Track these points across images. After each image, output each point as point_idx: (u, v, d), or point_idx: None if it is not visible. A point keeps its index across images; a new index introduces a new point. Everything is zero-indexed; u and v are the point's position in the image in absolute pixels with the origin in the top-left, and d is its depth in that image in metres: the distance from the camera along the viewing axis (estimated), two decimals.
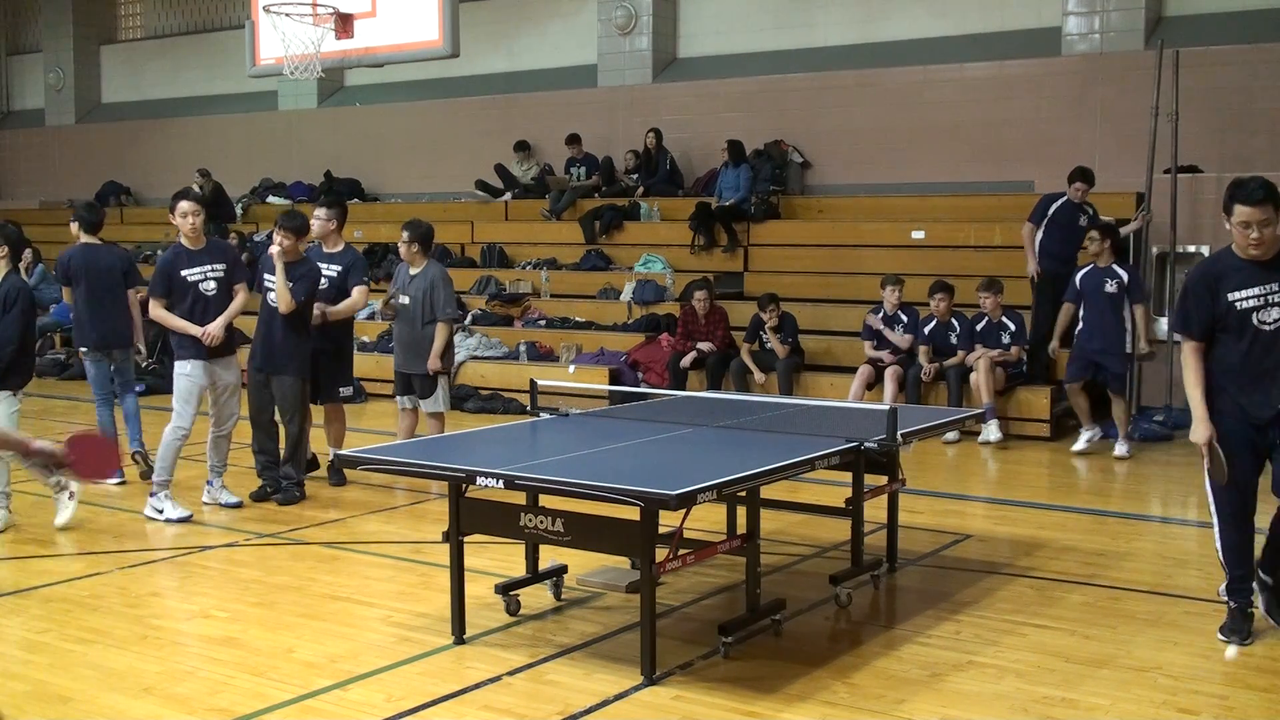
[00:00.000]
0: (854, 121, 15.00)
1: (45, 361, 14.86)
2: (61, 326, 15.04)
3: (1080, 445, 10.12)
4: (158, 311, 7.88)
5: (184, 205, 7.86)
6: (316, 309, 8.50)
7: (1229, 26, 13.03)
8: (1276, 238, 5.24)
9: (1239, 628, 5.45)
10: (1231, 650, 5.35)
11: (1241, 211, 5.22)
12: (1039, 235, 11.27)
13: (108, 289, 8.93)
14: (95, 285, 8.90)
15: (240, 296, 8.04)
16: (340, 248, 8.90)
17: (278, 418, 8.38)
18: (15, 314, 7.32)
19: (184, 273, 7.83)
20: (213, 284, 7.86)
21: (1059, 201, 11.24)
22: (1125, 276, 10.06)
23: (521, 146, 16.98)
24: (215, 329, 7.81)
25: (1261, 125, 12.66)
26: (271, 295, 8.17)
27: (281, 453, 8.41)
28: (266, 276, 8.24)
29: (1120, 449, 9.98)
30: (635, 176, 15.97)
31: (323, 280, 8.58)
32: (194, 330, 7.77)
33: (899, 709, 4.68)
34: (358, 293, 8.79)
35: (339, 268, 8.78)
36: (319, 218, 8.83)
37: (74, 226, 9.21)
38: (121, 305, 9.02)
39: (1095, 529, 7.63)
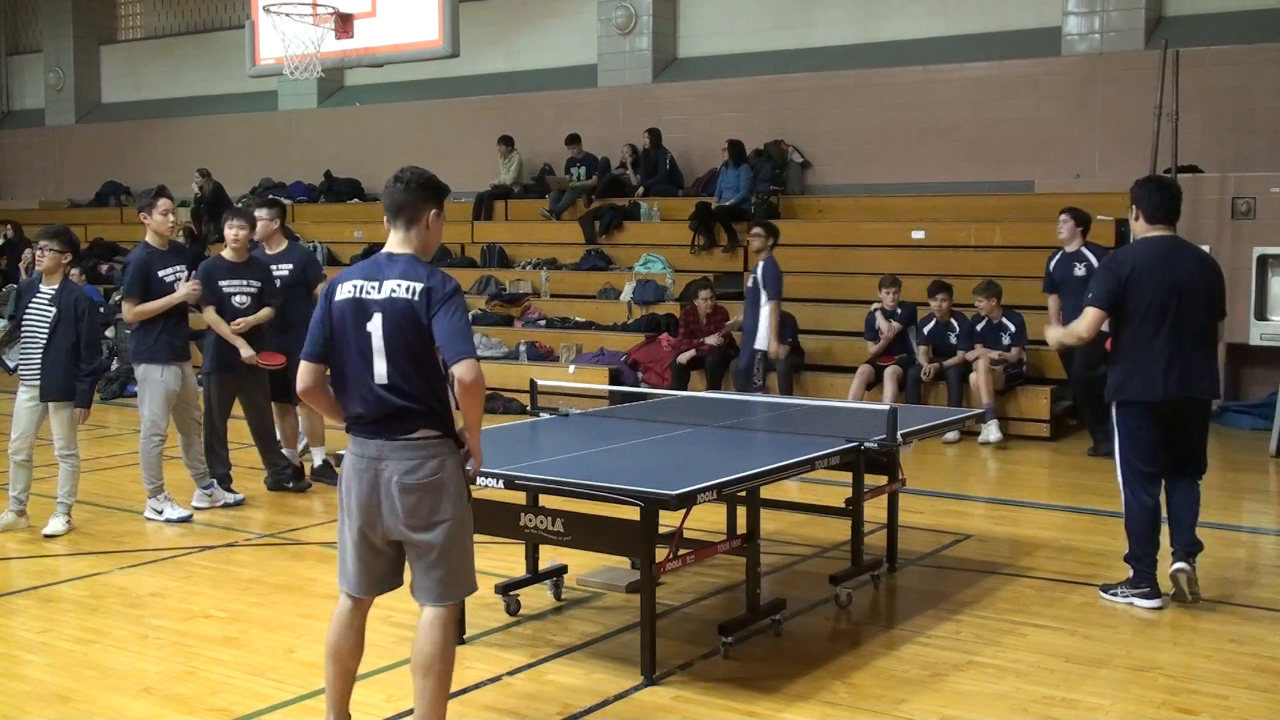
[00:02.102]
0: (854, 121, 15.01)
1: None
2: None
3: None
4: (140, 308, 7.63)
5: (167, 203, 7.71)
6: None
7: (1229, 26, 13.04)
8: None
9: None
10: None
11: None
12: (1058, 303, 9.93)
13: None
14: None
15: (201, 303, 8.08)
16: (284, 246, 8.86)
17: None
18: (93, 323, 7.27)
19: (160, 274, 7.70)
20: (180, 284, 7.76)
21: (1054, 258, 10.12)
22: (759, 273, 10.30)
23: (505, 141, 16.91)
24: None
25: (1261, 125, 12.66)
26: (239, 299, 8.21)
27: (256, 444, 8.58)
28: (245, 283, 8.28)
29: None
30: (631, 172, 15.92)
31: (275, 281, 8.58)
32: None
33: (899, 709, 4.68)
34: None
35: (289, 265, 8.74)
36: (262, 218, 8.68)
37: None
38: None
39: (1095, 529, 7.62)
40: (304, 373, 4.13)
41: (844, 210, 14.60)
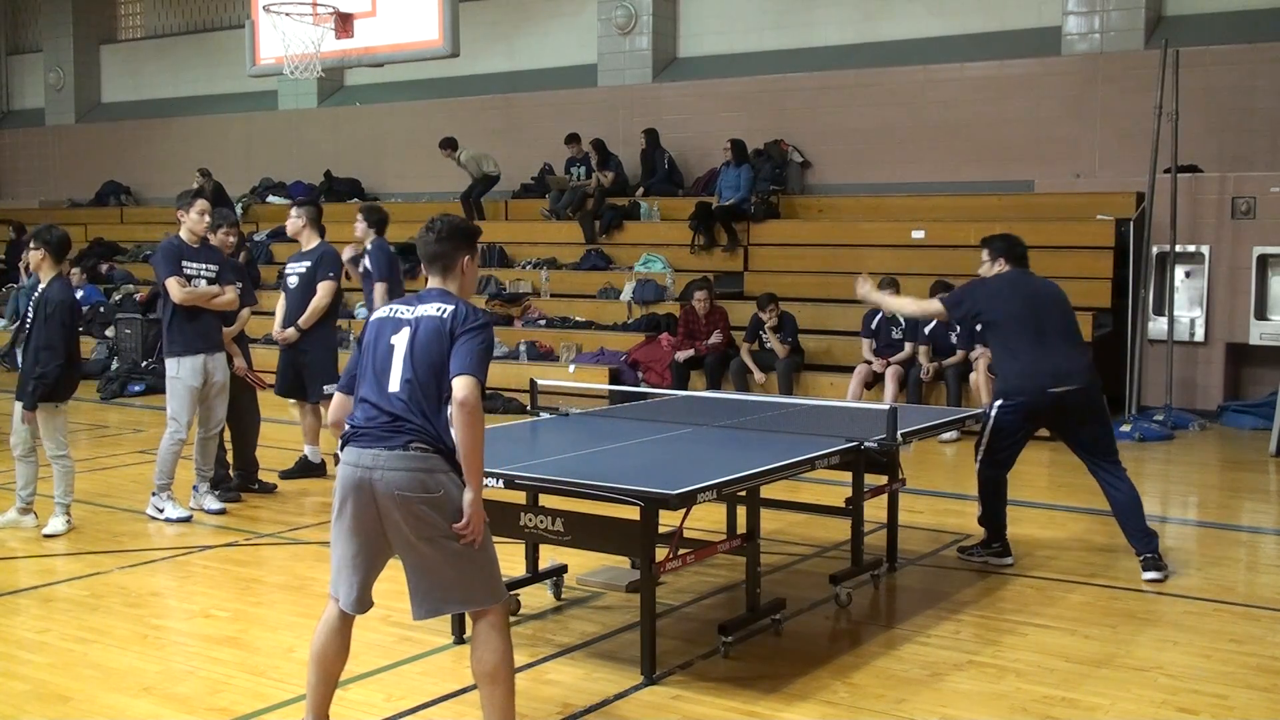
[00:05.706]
0: (854, 121, 15.01)
1: None
2: None
3: None
4: (187, 293, 7.61)
5: (204, 204, 7.83)
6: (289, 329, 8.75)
7: (1229, 26, 13.04)
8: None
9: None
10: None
11: None
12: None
13: None
14: None
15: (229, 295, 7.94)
16: (314, 244, 8.90)
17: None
18: (56, 324, 7.11)
19: (185, 264, 7.69)
20: (203, 282, 7.79)
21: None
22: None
23: (447, 144, 16.53)
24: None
25: (1261, 125, 12.66)
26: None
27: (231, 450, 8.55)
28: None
29: None
30: (579, 171, 15.89)
31: (293, 278, 8.76)
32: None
33: (899, 708, 4.68)
34: (322, 289, 8.77)
35: (308, 263, 8.79)
36: (290, 216, 8.98)
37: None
38: None
39: (1095, 529, 7.62)
40: (336, 404, 4.21)
41: (844, 210, 14.59)
